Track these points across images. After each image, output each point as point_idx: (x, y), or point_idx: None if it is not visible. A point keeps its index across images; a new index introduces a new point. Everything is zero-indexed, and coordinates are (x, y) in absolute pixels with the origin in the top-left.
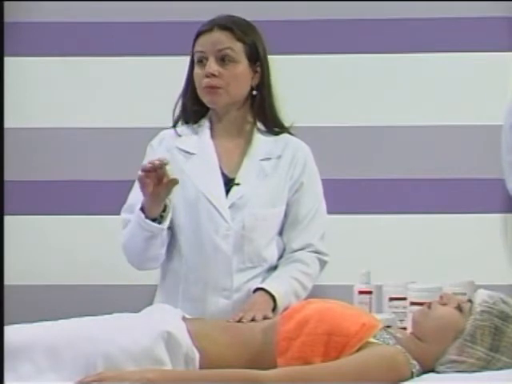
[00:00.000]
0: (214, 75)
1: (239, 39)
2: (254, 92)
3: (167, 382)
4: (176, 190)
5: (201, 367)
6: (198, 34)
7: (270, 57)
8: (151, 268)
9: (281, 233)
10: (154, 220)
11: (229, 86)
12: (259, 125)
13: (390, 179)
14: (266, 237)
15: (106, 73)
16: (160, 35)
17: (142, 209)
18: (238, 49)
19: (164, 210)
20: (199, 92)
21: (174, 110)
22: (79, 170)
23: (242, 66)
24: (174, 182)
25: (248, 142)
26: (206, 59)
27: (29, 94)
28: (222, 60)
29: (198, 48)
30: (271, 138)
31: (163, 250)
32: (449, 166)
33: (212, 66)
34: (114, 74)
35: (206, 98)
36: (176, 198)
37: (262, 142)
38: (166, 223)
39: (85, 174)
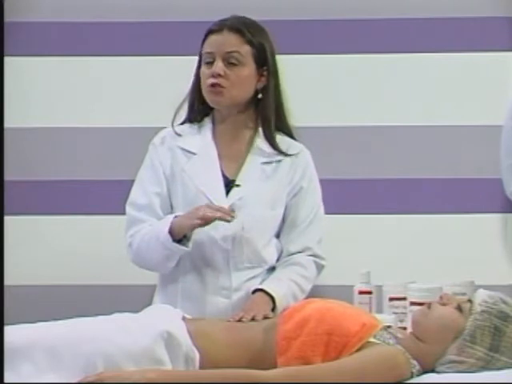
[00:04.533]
0: (219, 75)
1: (248, 42)
2: (260, 95)
3: (167, 382)
4: (177, 188)
5: (201, 367)
6: (208, 33)
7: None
8: (164, 272)
9: (278, 235)
10: (178, 241)
11: (233, 87)
12: (260, 131)
13: (390, 179)
14: (264, 238)
15: (106, 73)
16: (160, 35)
17: (170, 231)
18: (245, 52)
19: None
20: (204, 90)
21: (178, 109)
22: (79, 170)
23: (249, 69)
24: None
25: (249, 144)
26: (214, 59)
27: (29, 94)
28: (230, 61)
29: (206, 49)
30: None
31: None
32: (449, 166)
33: (219, 65)
34: (114, 73)
35: (209, 97)
36: (176, 197)
37: (263, 146)
38: (190, 244)
39: (85, 174)
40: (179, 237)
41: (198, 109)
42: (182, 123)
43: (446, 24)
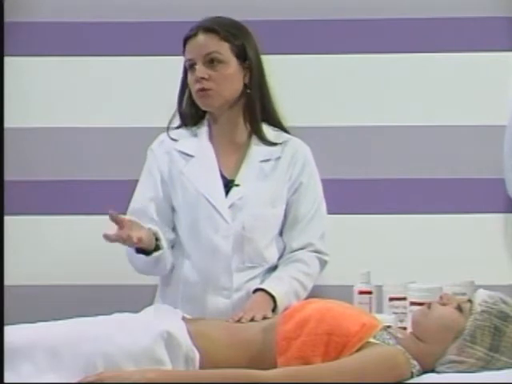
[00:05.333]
0: (203, 78)
1: (225, 39)
2: (248, 90)
3: (167, 382)
4: (176, 191)
5: (201, 367)
6: (185, 41)
7: (265, 57)
8: (162, 274)
9: (281, 233)
10: (154, 250)
11: (220, 87)
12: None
13: (390, 179)
14: (266, 237)
15: (106, 73)
16: (160, 35)
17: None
18: (224, 49)
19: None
20: (194, 97)
21: (172, 118)
22: (79, 170)
23: (232, 66)
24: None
25: (247, 143)
26: (196, 64)
27: (29, 94)
28: (211, 62)
29: (186, 56)
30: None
31: (171, 257)
32: (449, 166)
33: (201, 70)
34: (114, 73)
35: (200, 102)
36: (177, 200)
37: (260, 143)
38: (164, 244)
39: (85, 174)
40: (151, 246)
41: (191, 113)
42: (177, 127)
43: (446, 24)
